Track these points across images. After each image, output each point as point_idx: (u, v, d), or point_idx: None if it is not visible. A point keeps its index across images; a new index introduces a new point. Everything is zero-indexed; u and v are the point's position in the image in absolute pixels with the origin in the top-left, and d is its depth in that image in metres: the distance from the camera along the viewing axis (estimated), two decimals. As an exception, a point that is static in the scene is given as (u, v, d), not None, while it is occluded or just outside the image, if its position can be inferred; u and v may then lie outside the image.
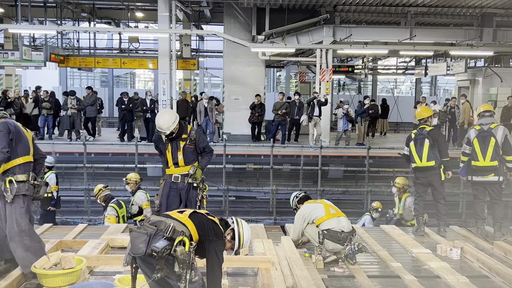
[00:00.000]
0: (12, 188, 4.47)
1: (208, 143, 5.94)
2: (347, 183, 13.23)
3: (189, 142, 5.66)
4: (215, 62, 30.60)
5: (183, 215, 3.75)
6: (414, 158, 6.61)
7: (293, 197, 6.18)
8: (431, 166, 6.50)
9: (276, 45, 14.98)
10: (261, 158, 13.30)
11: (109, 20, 21.29)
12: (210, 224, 3.78)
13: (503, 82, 16.59)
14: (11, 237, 4.50)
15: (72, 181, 12.89)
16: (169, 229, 3.50)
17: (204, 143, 5.80)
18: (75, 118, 15.18)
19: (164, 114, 5.61)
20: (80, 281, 4.56)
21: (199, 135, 5.78)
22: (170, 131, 5.46)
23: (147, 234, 3.47)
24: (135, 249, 3.47)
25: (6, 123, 4.54)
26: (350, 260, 5.24)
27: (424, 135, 6.57)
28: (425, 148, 6.49)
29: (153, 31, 19.73)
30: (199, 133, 5.88)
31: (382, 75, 29.08)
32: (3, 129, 4.46)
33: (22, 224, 4.52)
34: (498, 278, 5.03)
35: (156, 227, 3.53)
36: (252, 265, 5.15)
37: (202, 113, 15.19)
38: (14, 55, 16.29)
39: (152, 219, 3.66)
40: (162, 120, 5.45)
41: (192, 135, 5.67)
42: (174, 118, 5.49)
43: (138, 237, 3.50)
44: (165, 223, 3.57)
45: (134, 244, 3.49)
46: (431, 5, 15.30)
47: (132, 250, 3.51)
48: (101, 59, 18.76)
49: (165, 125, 5.43)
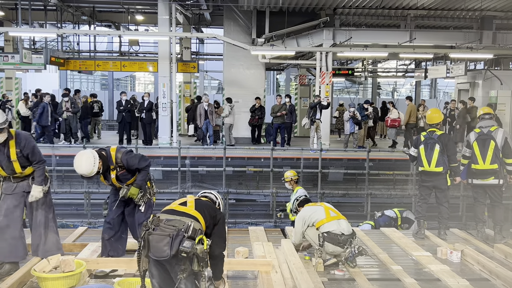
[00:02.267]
0: (46, 181, 5.08)
1: (141, 158, 5.12)
2: (347, 186, 13.22)
3: (119, 169, 5.07)
4: (215, 65, 30.66)
5: (189, 207, 3.74)
6: (422, 162, 6.57)
7: (293, 200, 6.18)
8: (438, 171, 6.49)
9: (276, 48, 15.00)
10: (261, 161, 13.29)
11: (109, 23, 21.31)
12: (211, 206, 3.91)
13: (503, 84, 16.58)
14: (47, 224, 5.08)
15: (72, 184, 12.88)
16: (189, 228, 3.49)
17: (134, 162, 5.05)
18: (71, 121, 15.10)
19: (81, 160, 4.78)
20: (80, 284, 4.55)
21: (126, 159, 5.02)
22: (94, 174, 4.88)
23: (169, 236, 3.43)
24: (159, 252, 3.43)
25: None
26: (350, 263, 5.23)
27: (435, 140, 6.53)
28: (435, 153, 6.46)
29: (153, 34, 19.76)
30: (126, 155, 5.04)
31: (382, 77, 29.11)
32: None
33: (51, 213, 5.19)
34: (498, 281, 5.02)
35: (175, 227, 3.49)
36: (252, 268, 5.14)
37: (203, 116, 15.20)
38: (14, 58, 16.29)
39: (166, 218, 3.59)
40: (81, 168, 4.77)
41: (119, 162, 5.03)
42: (93, 161, 4.79)
43: (160, 240, 3.43)
44: (183, 221, 3.54)
45: (157, 248, 3.43)
46: (431, 8, 15.34)
47: (155, 254, 3.46)
48: (101, 62, 18.77)
49: (86, 171, 4.77)
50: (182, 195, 11.69)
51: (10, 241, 4.87)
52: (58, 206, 12.09)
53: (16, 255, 4.93)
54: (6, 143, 4.86)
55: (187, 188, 12.38)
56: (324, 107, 14.41)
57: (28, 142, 4.94)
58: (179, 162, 11.94)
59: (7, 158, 4.87)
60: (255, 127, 16.08)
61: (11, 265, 4.89)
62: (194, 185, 13.00)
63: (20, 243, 4.96)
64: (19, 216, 5.00)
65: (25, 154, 4.91)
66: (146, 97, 15.44)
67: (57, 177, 12.66)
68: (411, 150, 6.92)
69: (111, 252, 5.21)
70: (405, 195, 12.14)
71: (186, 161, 12.84)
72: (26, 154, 4.91)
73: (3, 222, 4.89)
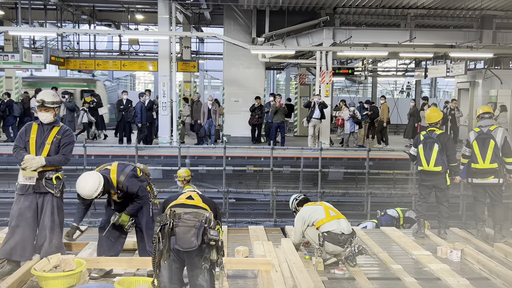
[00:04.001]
0: (58, 183, 5.12)
1: (140, 187, 4.95)
2: (347, 185, 13.23)
3: (119, 192, 4.93)
4: (215, 64, 30.67)
5: (196, 200, 3.86)
6: (421, 161, 6.56)
7: (292, 199, 6.17)
8: (437, 171, 6.49)
9: (276, 47, 14.99)
10: (261, 160, 13.30)
11: (109, 23, 21.33)
12: (210, 199, 4.02)
13: (503, 84, 16.58)
14: (52, 228, 5.03)
15: (71, 183, 12.83)
16: (208, 220, 3.61)
17: (134, 190, 4.90)
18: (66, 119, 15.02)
19: (87, 182, 4.60)
20: (80, 283, 4.55)
21: (128, 186, 4.87)
22: (92, 198, 4.74)
23: (194, 227, 3.54)
24: (187, 243, 3.52)
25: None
26: (350, 262, 5.23)
27: (434, 139, 6.52)
28: (434, 153, 6.46)
29: (153, 33, 19.76)
30: (128, 181, 4.88)
31: (382, 77, 29.13)
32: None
33: (61, 216, 5.20)
34: (498, 280, 5.02)
35: (197, 219, 3.59)
36: (252, 267, 5.14)
37: (206, 115, 15.23)
38: (14, 58, 16.31)
39: (184, 211, 3.66)
40: (83, 191, 4.61)
41: (121, 187, 4.88)
42: (97, 186, 4.61)
43: (187, 231, 3.53)
44: (201, 213, 3.66)
45: (184, 239, 3.52)
46: (431, 7, 15.33)
47: (182, 245, 3.53)
48: (101, 61, 18.79)
49: (87, 195, 4.64)
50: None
51: (19, 241, 4.90)
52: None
53: (23, 255, 4.94)
54: (51, 128, 5.03)
55: (187, 187, 12.37)
56: (324, 106, 14.46)
57: (71, 136, 5.17)
58: (179, 161, 11.95)
59: (44, 141, 4.98)
60: (255, 126, 16.08)
61: (13, 265, 4.90)
62: (194, 184, 12.99)
63: (29, 244, 4.97)
64: (31, 217, 4.97)
65: (62, 142, 5.04)
66: (147, 96, 15.41)
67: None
68: (411, 149, 6.91)
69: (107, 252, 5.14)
70: (405, 195, 12.14)
71: (186, 160, 12.85)
72: (63, 143, 5.04)
73: (15, 222, 4.93)
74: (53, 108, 5.00)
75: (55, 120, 5.09)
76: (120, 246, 5.24)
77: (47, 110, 4.97)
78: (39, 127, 5.04)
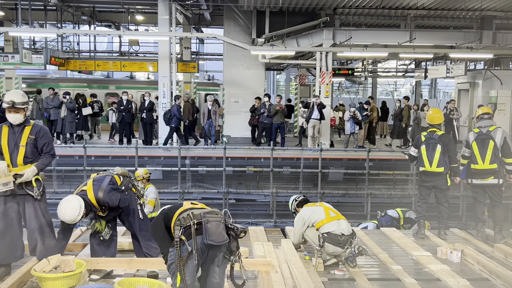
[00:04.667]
0: (38, 185, 4.91)
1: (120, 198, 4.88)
2: (347, 186, 13.23)
3: (104, 208, 4.86)
4: (215, 65, 30.68)
5: (200, 205, 3.97)
6: (423, 162, 6.54)
7: (292, 200, 6.17)
8: (439, 172, 6.48)
9: (276, 48, 15.00)
10: (261, 161, 13.30)
11: (109, 23, 21.34)
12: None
13: (503, 84, 16.58)
14: (42, 229, 4.91)
15: (72, 184, 12.87)
16: (224, 217, 3.75)
17: (115, 203, 4.83)
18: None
19: (66, 209, 4.52)
20: (80, 284, 4.55)
21: (108, 201, 4.77)
22: (75, 222, 4.66)
23: (221, 222, 3.67)
24: (220, 237, 3.60)
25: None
26: (350, 263, 5.23)
27: (436, 140, 6.51)
28: (437, 153, 6.45)
29: (153, 34, 19.77)
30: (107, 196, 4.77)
31: (382, 77, 29.14)
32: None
33: (47, 217, 5.02)
34: (498, 281, 5.02)
35: (219, 216, 3.73)
36: (252, 268, 5.14)
37: (206, 116, 15.23)
38: (15, 58, 16.30)
39: (202, 212, 3.74)
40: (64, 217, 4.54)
41: (102, 204, 4.78)
42: (78, 211, 4.54)
43: (217, 226, 3.64)
44: (218, 211, 3.80)
45: (217, 233, 3.60)
46: (431, 8, 15.33)
47: (216, 240, 3.59)
48: (101, 62, 18.77)
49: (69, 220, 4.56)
50: (182, 195, 11.71)
51: (8, 243, 4.85)
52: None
53: (14, 256, 4.92)
54: (22, 128, 4.86)
55: (187, 188, 12.38)
56: (323, 106, 14.47)
57: (46, 133, 4.99)
58: (179, 162, 11.95)
59: (17, 143, 4.81)
60: (255, 127, 16.07)
61: (5, 268, 4.86)
62: (194, 185, 13.02)
63: (18, 243, 4.94)
64: (15, 217, 4.90)
65: (40, 143, 4.88)
66: (147, 97, 15.44)
67: (57, 177, 12.66)
68: (410, 150, 6.91)
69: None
70: (405, 195, 12.14)
71: (186, 161, 12.85)
72: (42, 144, 4.89)
73: (1, 224, 4.83)
74: (23, 108, 4.84)
75: (25, 120, 4.90)
76: (114, 249, 5.20)
77: (17, 111, 4.80)
78: (9, 130, 4.86)
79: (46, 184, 5.17)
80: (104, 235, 4.93)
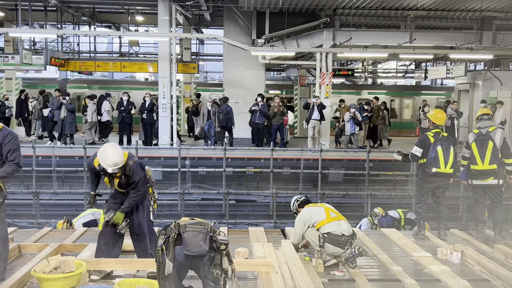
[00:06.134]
0: (0, 194, 4.51)
1: (142, 179, 5.06)
2: (347, 187, 13.21)
3: (123, 177, 4.98)
4: (215, 66, 30.67)
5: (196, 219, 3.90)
6: (439, 163, 6.39)
7: (293, 200, 6.17)
8: (450, 173, 6.45)
9: (276, 48, 15.00)
10: (261, 162, 13.31)
11: (109, 24, 21.34)
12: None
13: (503, 85, 16.58)
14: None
15: (72, 184, 12.89)
16: (212, 229, 3.70)
17: (136, 179, 4.98)
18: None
19: (115, 150, 4.78)
20: (80, 284, 4.55)
21: (134, 170, 4.96)
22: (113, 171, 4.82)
23: (201, 232, 3.61)
24: (197, 247, 3.58)
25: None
26: (350, 264, 5.23)
27: (449, 141, 6.50)
28: (451, 155, 6.41)
29: (153, 34, 19.78)
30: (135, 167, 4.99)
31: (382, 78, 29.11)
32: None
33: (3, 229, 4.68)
34: (498, 282, 5.02)
35: (203, 226, 3.66)
36: (253, 269, 5.14)
37: (205, 116, 15.22)
38: (15, 59, 16.30)
39: (188, 222, 3.72)
40: (113, 157, 4.73)
41: (128, 171, 4.94)
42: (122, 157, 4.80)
43: (195, 236, 3.60)
44: (204, 223, 3.73)
45: (194, 243, 3.58)
46: (431, 9, 15.34)
47: (192, 250, 3.58)
48: (101, 63, 18.77)
49: (118, 161, 4.76)
50: (182, 195, 11.70)
51: None
52: (59, 207, 12.18)
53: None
54: None
55: (187, 188, 12.37)
56: (323, 107, 14.48)
57: (14, 139, 4.56)
58: (179, 162, 11.94)
59: None
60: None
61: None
62: (194, 185, 13.01)
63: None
64: None
65: (5, 149, 4.48)
66: (147, 98, 15.43)
67: (57, 177, 12.66)
68: (414, 149, 6.78)
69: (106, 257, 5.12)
70: (405, 196, 12.13)
71: (186, 161, 12.84)
72: (7, 150, 4.49)
73: None
74: None
75: None
76: (118, 250, 5.24)
77: None
78: None
79: (46, 184, 5.15)
80: (120, 228, 5.03)
